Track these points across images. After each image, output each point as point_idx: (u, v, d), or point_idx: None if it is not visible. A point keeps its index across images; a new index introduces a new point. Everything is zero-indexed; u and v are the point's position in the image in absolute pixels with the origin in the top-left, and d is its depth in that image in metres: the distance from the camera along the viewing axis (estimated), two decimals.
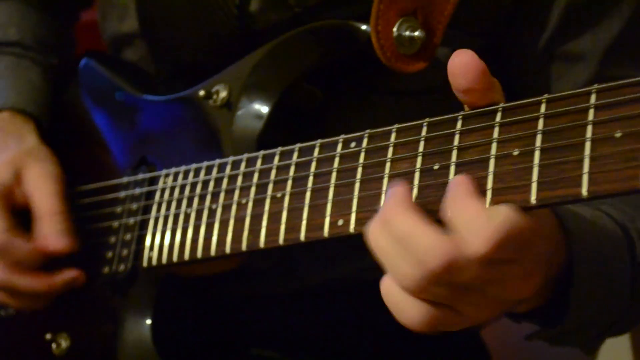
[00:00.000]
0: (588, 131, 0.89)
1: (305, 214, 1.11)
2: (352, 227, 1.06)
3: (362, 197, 1.06)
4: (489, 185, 0.94)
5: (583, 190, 0.88)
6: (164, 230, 1.30)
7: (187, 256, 1.25)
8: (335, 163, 1.10)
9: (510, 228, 0.89)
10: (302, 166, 1.14)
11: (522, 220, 0.90)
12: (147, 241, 1.32)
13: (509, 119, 0.95)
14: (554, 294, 1.06)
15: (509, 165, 0.94)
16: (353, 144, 1.09)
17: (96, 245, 1.40)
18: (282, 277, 1.43)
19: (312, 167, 1.13)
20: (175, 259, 1.27)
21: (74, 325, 1.41)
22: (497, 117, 0.96)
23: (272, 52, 1.28)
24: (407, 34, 1.19)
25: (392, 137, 1.05)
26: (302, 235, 1.11)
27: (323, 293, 1.45)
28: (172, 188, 1.31)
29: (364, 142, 1.08)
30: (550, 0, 1.28)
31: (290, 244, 1.12)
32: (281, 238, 1.13)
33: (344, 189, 1.08)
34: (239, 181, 1.21)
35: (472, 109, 0.99)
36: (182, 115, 1.38)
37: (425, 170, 1.01)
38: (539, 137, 0.92)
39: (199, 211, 1.25)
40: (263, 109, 1.27)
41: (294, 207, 1.13)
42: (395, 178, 1.02)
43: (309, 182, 1.12)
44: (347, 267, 1.42)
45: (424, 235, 0.91)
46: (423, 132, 1.02)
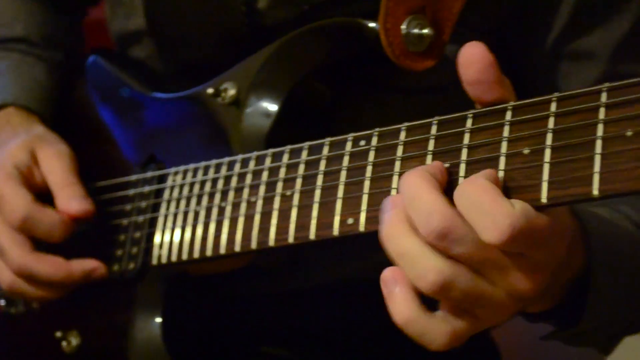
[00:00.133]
0: (599, 130, 0.89)
1: (315, 213, 1.11)
2: (362, 226, 1.06)
3: (372, 195, 1.06)
4: (499, 184, 0.94)
5: (594, 189, 0.87)
6: (174, 228, 1.30)
7: (196, 254, 1.25)
8: (345, 161, 1.10)
9: (524, 225, 0.89)
10: (311, 164, 1.14)
11: (537, 218, 0.91)
12: (157, 239, 1.32)
13: (519, 118, 0.95)
14: (571, 295, 1.06)
15: (519, 164, 0.94)
16: (362, 142, 1.09)
17: (105, 242, 1.39)
18: (292, 275, 1.43)
19: (322, 165, 1.13)
20: (185, 257, 1.27)
21: (84, 323, 1.41)
22: (507, 116, 0.96)
23: (281, 50, 1.28)
24: (415, 31, 1.19)
25: (402, 136, 1.05)
26: (312, 233, 1.11)
27: (333, 291, 1.45)
28: (181, 186, 1.31)
29: (374, 141, 1.08)
30: None
31: (300, 242, 1.12)
32: (291, 236, 1.13)
33: (353, 187, 1.08)
34: (248, 179, 1.21)
35: (480, 104, 0.99)
36: (190, 113, 1.38)
37: None
38: (549, 135, 0.92)
39: (209, 209, 1.25)
40: (271, 106, 1.27)
41: (303, 205, 1.13)
42: None
43: (319, 180, 1.12)
44: (357, 265, 1.42)
45: (432, 197, 0.92)
46: (433, 130, 1.02)
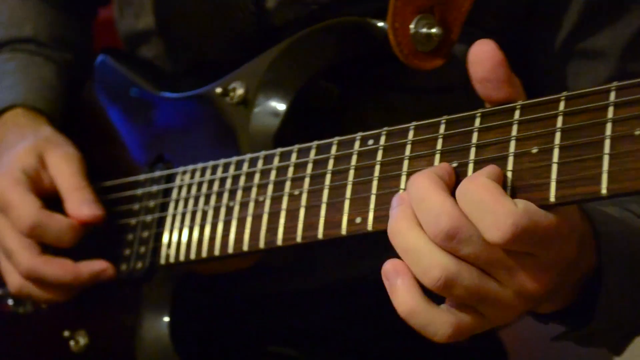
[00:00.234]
0: (607, 129, 0.88)
1: (323, 212, 1.11)
2: (370, 225, 1.06)
3: (380, 194, 1.05)
4: (508, 183, 0.94)
5: (602, 188, 0.87)
6: (182, 228, 1.30)
7: (204, 254, 1.25)
8: (353, 161, 1.10)
9: (527, 224, 0.89)
10: (319, 164, 1.14)
11: (541, 216, 0.90)
12: (165, 239, 1.32)
13: (527, 117, 0.95)
14: (582, 295, 1.06)
15: (527, 163, 0.94)
16: (371, 142, 1.09)
17: (113, 242, 1.40)
18: (300, 275, 1.42)
19: (330, 165, 1.13)
20: (193, 256, 1.27)
21: (92, 323, 1.41)
22: (516, 115, 0.96)
23: (289, 50, 1.28)
24: (424, 31, 1.19)
25: (410, 135, 1.05)
26: (320, 233, 1.11)
27: (341, 291, 1.45)
28: (190, 185, 1.31)
29: (382, 140, 1.08)
30: None
31: (308, 241, 1.12)
32: (299, 236, 1.13)
33: (361, 186, 1.08)
34: (256, 179, 1.21)
35: (489, 103, 0.98)
36: (198, 112, 1.38)
37: None
38: (557, 134, 0.92)
39: (217, 209, 1.25)
40: (280, 106, 1.27)
41: (311, 204, 1.13)
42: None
43: (327, 179, 1.12)
44: (364, 264, 1.42)
45: (439, 198, 0.93)
46: (441, 129, 1.02)
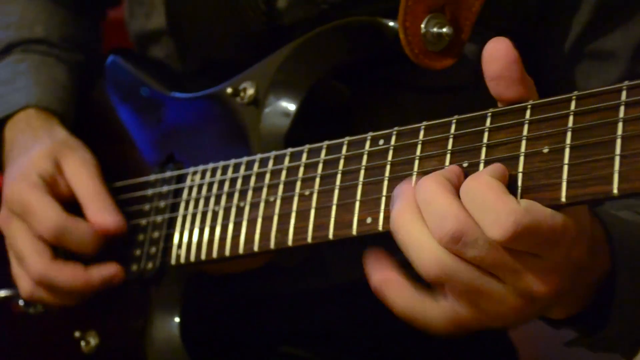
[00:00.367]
0: (619, 129, 0.88)
1: (333, 212, 1.11)
2: (380, 225, 1.06)
3: (390, 195, 1.05)
4: (519, 183, 0.94)
5: (614, 188, 0.87)
6: (192, 228, 1.30)
7: (215, 254, 1.25)
8: (364, 161, 1.10)
9: (529, 223, 0.89)
10: (330, 164, 1.14)
11: (546, 216, 0.90)
12: (176, 239, 1.32)
13: (538, 117, 0.95)
14: (596, 300, 1.05)
15: (538, 163, 0.93)
16: (381, 142, 1.09)
17: (124, 243, 1.39)
18: (310, 275, 1.42)
19: (340, 165, 1.12)
20: (204, 257, 1.27)
21: (103, 323, 1.41)
22: (527, 115, 0.96)
23: (300, 49, 1.28)
24: (435, 30, 1.18)
25: (421, 135, 1.05)
26: (331, 233, 1.10)
27: (351, 291, 1.44)
28: (200, 186, 1.31)
29: (392, 140, 1.08)
30: None
31: (319, 242, 1.12)
32: (309, 236, 1.13)
33: (372, 186, 1.08)
34: (266, 179, 1.21)
35: (501, 102, 0.98)
36: (209, 112, 1.38)
37: None
38: (569, 134, 0.92)
39: (227, 209, 1.25)
40: (290, 106, 1.27)
41: (322, 205, 1.13)
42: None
43: (337, 180, 1.12)
44: None
45: (446, 201, 0.93)
46: (452, 129, 1.02)
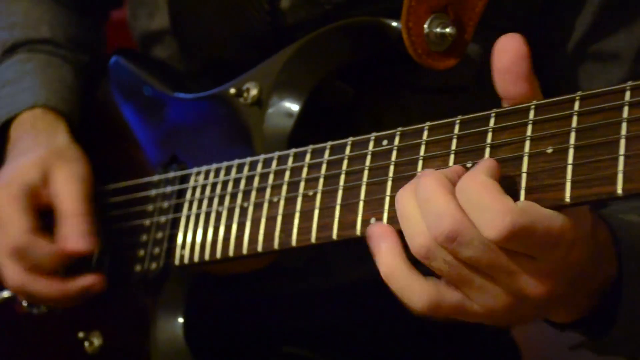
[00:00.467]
0: (622, 129, 0.88)
1: (337, 212, 1.11)
2: None
3: (394, 195, 1.04)
4: (523, 184, 0.94)
5: (618, 188, 0.87)
6: (196, 229, 1.30)
7: (219, 254, 1.25)
8: (367, 161, 1.10)
9: (526, 223, 0.89)
10: (333, 164, 1.14)
11: (543, 217, 0.90)
12: (179, 239, 1.32)
13: (542, 117, 0.95)
14: (602, 304, 1.05)
15: (542, 163, 0.93)
16: (385, 142, 1.09)
17: (128, 243, 1.40)
18: (314, 275, 1.42)
19: (344, 165, 1.12)
20: (207, 257, 1.27)
21: (107, 324, 1.42)
22: (530, 115, 0.96)
23: (303, 50, 1.28)
24: (438, 30, 1.18)
25: (425, 135, 1.05)
26: (334, 233, 1.10)
27: (355, 291, 1.44)
28: (204, 186, 1.31)
29: (396, 140, 1.08)
30: None
31: (323, 242, 1.12)
32: (313, 236, 1.13)
33: (376, 187, 1.08)
34: (270, 179, 1.21)
35: (505, 98, 0.98)
36: (212, 113, 1.38)
37: None
38: (572, 134, 0.92)
39: (231, 209, 1.25)
40: (294, 107, 1.27)
41: (325, 205, 1.12)
42: None
43: (341, 180, 1.12)
44: None
45: (444, 200, 0.93)
46: (455, 129, 1.02)
